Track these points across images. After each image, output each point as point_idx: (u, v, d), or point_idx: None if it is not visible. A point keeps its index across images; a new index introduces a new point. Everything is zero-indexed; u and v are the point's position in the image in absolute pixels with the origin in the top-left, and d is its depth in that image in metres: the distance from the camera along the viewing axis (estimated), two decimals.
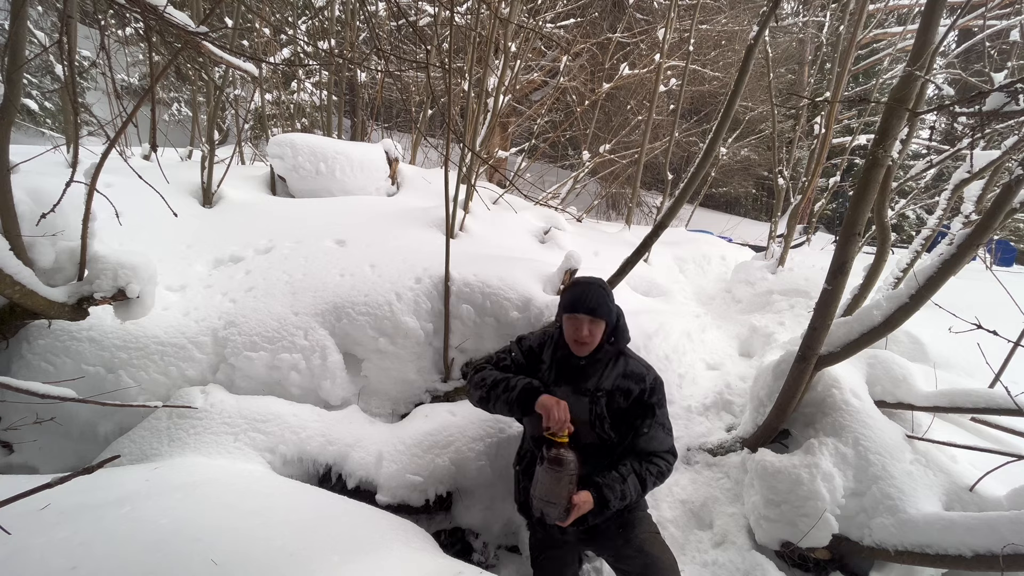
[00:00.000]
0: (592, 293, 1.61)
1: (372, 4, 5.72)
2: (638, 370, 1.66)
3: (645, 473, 1.57)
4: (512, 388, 1.59)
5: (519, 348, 1.77)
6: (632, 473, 1.56)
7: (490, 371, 1.70)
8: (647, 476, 1.57)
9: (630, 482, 1.54)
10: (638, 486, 1.55)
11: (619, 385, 1.63)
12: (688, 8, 6.85)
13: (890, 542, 1.76)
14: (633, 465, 1.57)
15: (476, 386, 1.68)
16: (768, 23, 2.09)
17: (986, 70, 2.52)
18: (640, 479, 1.56)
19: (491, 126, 3.73)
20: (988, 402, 1.85)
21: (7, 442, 2.05)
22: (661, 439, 1.63)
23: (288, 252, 2.71)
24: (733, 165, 11.35)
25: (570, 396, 1.60)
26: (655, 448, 1.62)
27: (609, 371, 1.65)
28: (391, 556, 1.42)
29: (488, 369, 1.72)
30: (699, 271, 4.64)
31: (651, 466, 1.59)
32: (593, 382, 1.63)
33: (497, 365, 1.74)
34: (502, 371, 1.71)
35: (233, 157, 3.60)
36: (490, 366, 1.74)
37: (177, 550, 1.22)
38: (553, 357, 1.71)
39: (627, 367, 1.66)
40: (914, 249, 2.79)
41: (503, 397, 1.60)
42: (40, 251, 1.88)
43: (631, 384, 1.63)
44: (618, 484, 1.52)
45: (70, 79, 2.34)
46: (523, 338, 1.81)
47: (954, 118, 3.36)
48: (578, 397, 1.61)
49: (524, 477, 1.73)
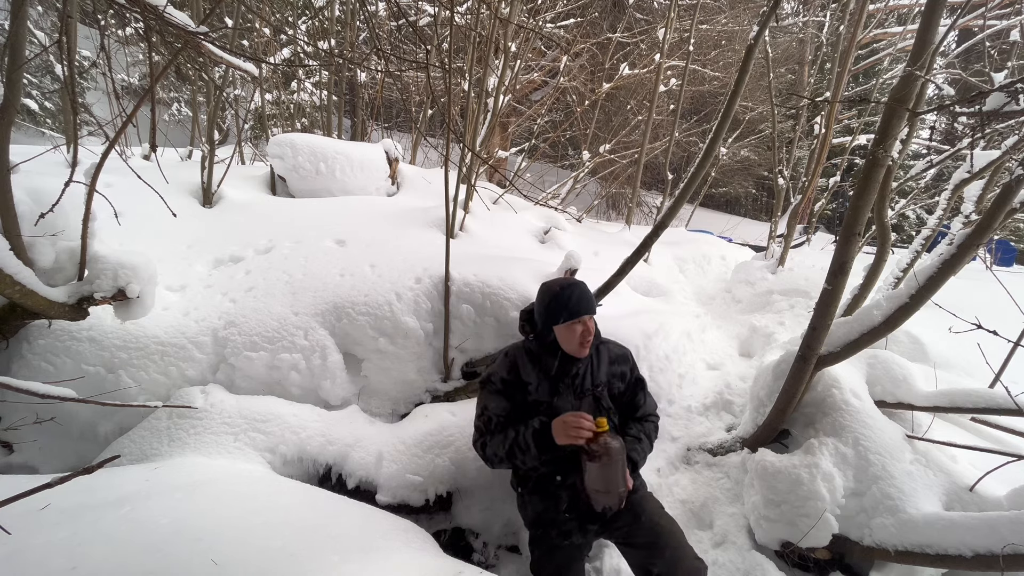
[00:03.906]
0: (583, 292, 1.61)
1: (372, 4, 5.72)
2: (620, 351, 1.76)
3: (651, 432, 1.73)
4: (526, 450, 1.55)
5: (494, 391, 1.67)
6: (642, 433, 1.70)
7: (492, 442, 1.63)
8: (652, 434, 1.74)
9: (644, 442, 1.68)
10: (648, 445, 1.71)
11: (612, 372, 1.71)
12: (688, 8, 6.85)
13: (890, 542, 1.76)
14: (638, 428, 1.71)
15: (493, 461, 1.65)
16: (768, 23, 2.08)
17: (986, 70, 2.51)
18: (648, 438, 1.71)
19: (491, 126, 3.73)
20: (988, 402, 1.85)
21: (7, 442, 2.05)
22: (652, 403, 1.81)
23: (288, 252, 2.71)
24: (733, 165, 11.36)
25: (573, 402, 1.61)
26: (649, 412, 1.79)
27: (597, 363, 1.68)
28: (391, 556, 1.42)
29: (488, 440, 1.64)
30: (699, 271, 4.64)
31: (648, 425, 1.75)
32: (589, 380, 1.65)
33: (489, 429, 1.65)
34: (498, 430, 1.64)
35: (233, 157, 3.60)
36: (487, 435, 1.65)
37: (177, 550, 1.22)
38: (542, 372, 1.65)
39: (610, 352, 1.73)
40: (914, 249, 2.79)
41: (527, 462, 1.57)
42: (40, 251, 1.88)
43: (622, 367, 1.73)
44: (639, 445, 1.65)
45: (70, 79, 2.34)
46: (490, 378, 1.69)
47: (954, 118, 3.36)
48: (582, 399, 1.62)
49: (534, 496, 1.68)
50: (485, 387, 1.70)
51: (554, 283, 1.65)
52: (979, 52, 3.37)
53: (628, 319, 2.82)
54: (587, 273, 2.72)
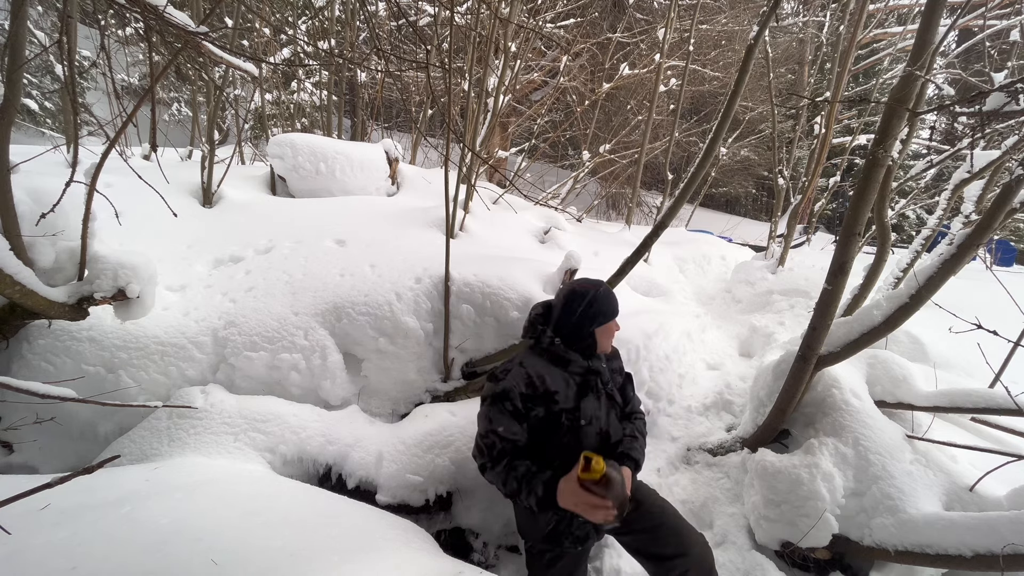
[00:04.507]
0: (612, 291, 1.67)
1: (372, 4, 5.72)
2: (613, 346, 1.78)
3: (642, 428, 1.75)
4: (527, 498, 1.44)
5: (507, 411, 1.51)
6: (636, 431, 1.70)
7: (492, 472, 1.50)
8: (644, 429, 1.75)
9: (640, 439, 1.69)
10: (643, 441, 1.71)
11: (614, 367, 1.76)
12: (688, 8, 6.86)
13: (890, 542, 1.76)
14: (631, 427, 1.72)
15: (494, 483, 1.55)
16: (768, 23, 2.08)
17: (986, 70, 2.51)
18: (643, 435, 1.72)
19: (491, 126, 3.73)
20: (988, 402, 1.85)
21: (7, 442, 2.05)
22: (635, 398, 1.82)
23: (288, 252, 2.71)
24: (733, 165, 11.36)
25: (594, 403, 1.62)
26: (636, 408, 1.80)
27: (602, 361, 1.70)
28: (391, 556, 1.42)
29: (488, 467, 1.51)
30: (699, 271, 4.64)
31: (639, 422, 1.76)
32: (603, 378, 1.67)
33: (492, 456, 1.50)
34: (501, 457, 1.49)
35: (233, 157, 3.60)
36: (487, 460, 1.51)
37: (177, 550, 1.22)
38: (569, 376, 1.60)
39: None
40: (914, 249, 2.79)
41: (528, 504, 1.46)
42: (40, 251, 1.88)
43: (618, 362, 1.79)
44: (637, 444, 1.66)
45: (70, 79, 2.34)
46: (506, 395, 1.52)
47: (954, 118, 3.36)
48: (600, 398, 1.64)
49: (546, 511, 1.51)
50: (496, 404, 1.53)
51: (587, 284, 1.64)
52: (979, 52, 3.37)
53: (628, 319, 2.80)
54: (587, 273, 2.71)
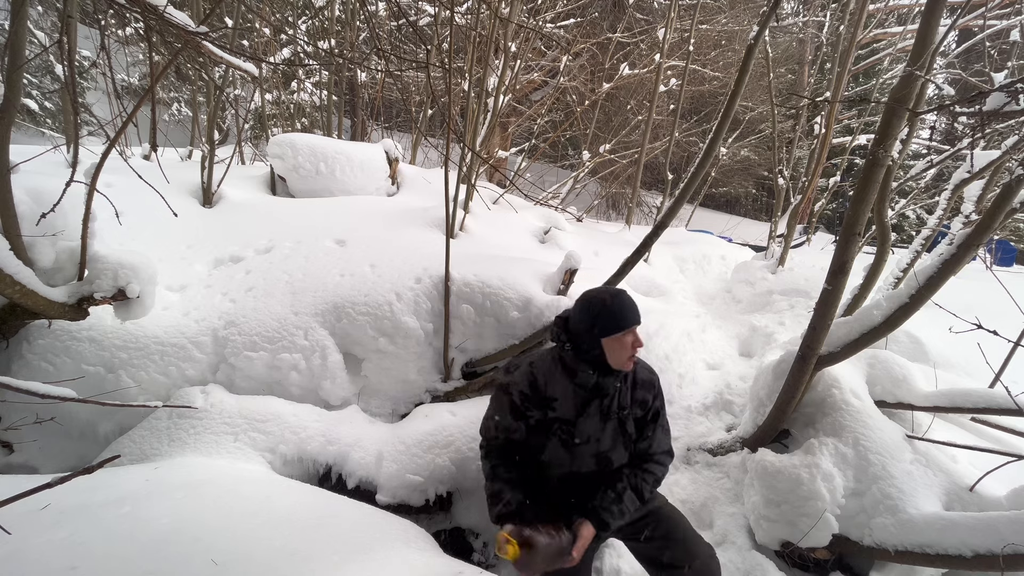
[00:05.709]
0: (631, 300, 1.51)
1: (372, 4, 5.72)
2: (648, 376, 1.62)
3: (641, 484, 1.54)
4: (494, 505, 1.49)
5: (508, 404, 1.55)
6: (628, 488, 1.52)
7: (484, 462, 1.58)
8: (643, 487, 1.55)
9: (627, 499, 1.51)
10: (635, 500, 1.53)
11: (636, 398, 1.58)
12: (688, 8, 6.85)
13: (890, 542, 1.76)
14: (629, 479, 1.54)
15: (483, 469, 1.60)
16: (768, 23, 2.08)
17: (986, 70, 2.52)
18: (637, 492, 1.53)
19: (491, 126, 3.74)
20: (988, 402, 1.85)
21: (7, 442, 2.05)
22: (660, 440, 1.61)
23: (288, 252, 2.71)
24: (733, 165, 11.34)
25: (598, 423, 1.53)
26: (654, 450, 1.60)
27: (624, 384, 1.56)
28: (391, 556, 1.42)
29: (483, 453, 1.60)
30: (699, 271, 4.64)
31: (647, 475, 1.57)
32: (616, 401, 1.54)
33: (488, 436, 1.60)
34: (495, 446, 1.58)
35: (233, 157, 3.60)
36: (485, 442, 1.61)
37: (177, 550, 1.23)
38: (574, 387, 1.53)
39: (636, 375, 1.59)
40: (914, 249, 2.79)
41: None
42: (40, 251, 1.88)
43: (646, 394, 1.59)
44: (615, 505, 1.48)
45: (70, 79, 2.34)
46: (508, 389, 1.57)
47: (954, 118, 3.37)
48: (607, 422, 1.54)
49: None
50: (499, 394, 1.60)
51: (601, 292, 1.54)
52: (979, 52, 3.37)
53: None
54: (587, 273, 2.73)
